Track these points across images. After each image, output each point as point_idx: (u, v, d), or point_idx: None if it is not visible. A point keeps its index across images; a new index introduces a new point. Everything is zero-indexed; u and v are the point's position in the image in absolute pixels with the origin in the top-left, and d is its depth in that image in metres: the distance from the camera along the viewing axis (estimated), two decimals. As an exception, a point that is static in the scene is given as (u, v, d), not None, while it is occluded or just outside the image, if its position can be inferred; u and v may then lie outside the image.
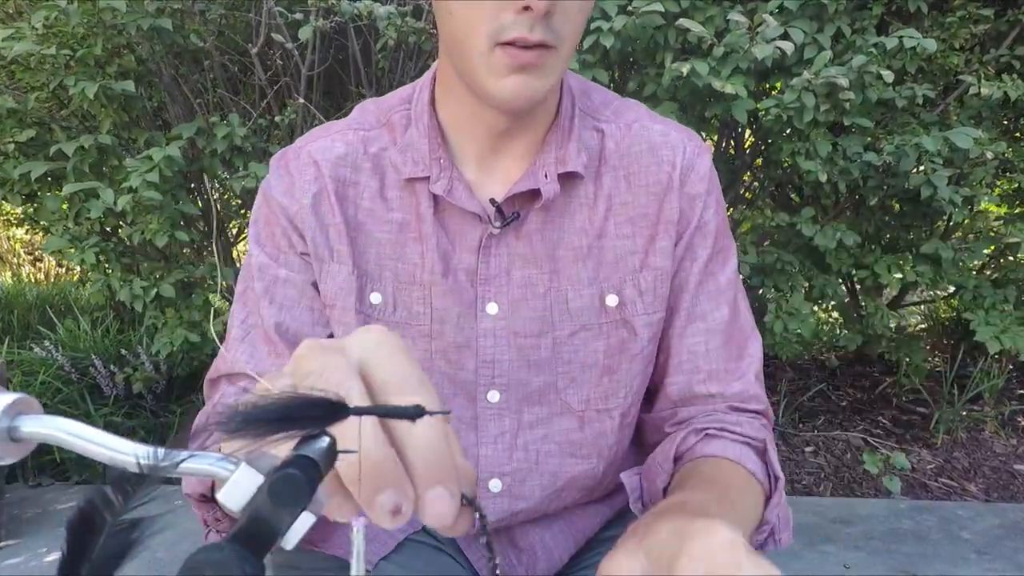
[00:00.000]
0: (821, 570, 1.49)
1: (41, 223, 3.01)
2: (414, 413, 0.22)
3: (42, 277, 6.02)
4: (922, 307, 3.73)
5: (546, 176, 0.65)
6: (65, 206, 2.08)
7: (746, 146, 2.46)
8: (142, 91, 1.99)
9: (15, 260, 6.42)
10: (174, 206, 1.97)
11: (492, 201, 0.65)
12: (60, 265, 6.20)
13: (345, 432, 0.24)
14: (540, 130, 0.67)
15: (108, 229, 2.37)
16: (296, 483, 0.19)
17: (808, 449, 2.44)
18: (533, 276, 0.68)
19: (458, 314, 0.67)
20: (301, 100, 2.02)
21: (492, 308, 0.68)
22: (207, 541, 0.59)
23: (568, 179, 0.67)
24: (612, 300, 0.68)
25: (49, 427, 0.21)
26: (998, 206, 2.50)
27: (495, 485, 0.70)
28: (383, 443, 0.25)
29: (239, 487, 0.20)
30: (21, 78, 1.84)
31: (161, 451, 0.20)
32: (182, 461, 0.20)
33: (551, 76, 0.59)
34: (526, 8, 0.53)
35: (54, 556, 1.57)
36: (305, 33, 1.85)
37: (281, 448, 0.22)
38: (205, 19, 1.91)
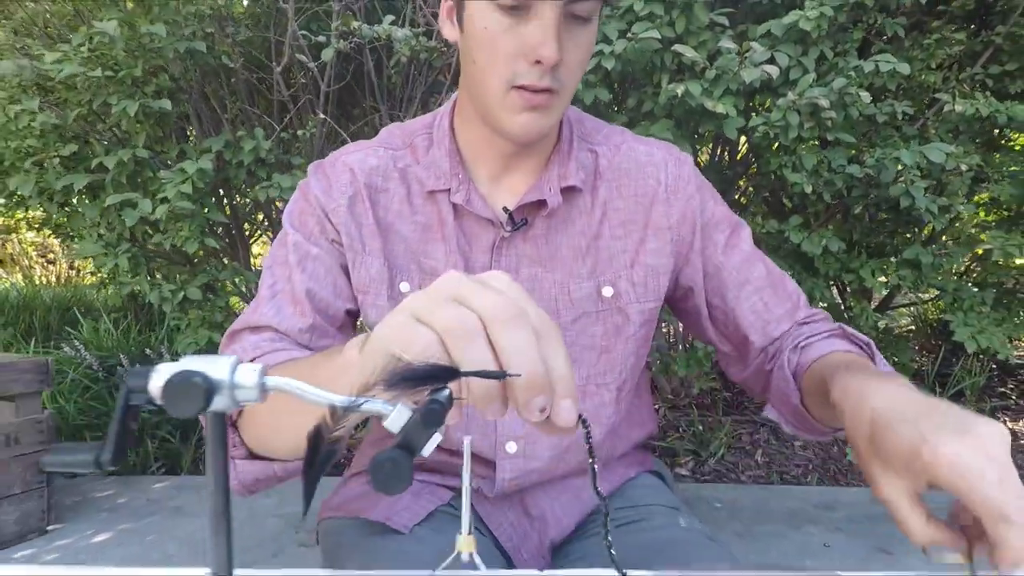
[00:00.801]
0: (804, 549, 1.62)
1: (63, 229, 3.16)
2: (500, 375, 0.36)
3: (53, 279, 6.16)
4: (912, 309, 3.87)
5: (550, 189, 0.79)
6: (99, 214, 2.21)
7: (739, 155, 2.60)
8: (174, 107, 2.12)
9: (27, 263, 6.56)
10: (204, 214, 2.11)
11: (505, 209, 0.79)
12: (72, 267, 6.34)
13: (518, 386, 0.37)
14: (543, 153, 0.81)
15: (137, 236, 2.50)
16: (438, 412, 0.33)
17: (798, 443, 2.58)
18: (539, 273, 0.81)
19: None
20: (322, 115, 2.16)
21: None
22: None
23: (568, 192, 0.81)
24: (608, 291, 0.82)
25: (281, 384, 0.34)
26: (975, 213, 2.64)
27: (511, 447, 0.82)
28: (542, 366, 0.38)
29: (396, 419, 0.34)
30: (64, 96, 1.97)
31: (351, 398, 0.34)
32: (361, 404, 0.34)
33: (555, 114, 0.73)
34: (537, 61, 0.67)
35: (101, 537, 1.71)
36: (327, 55, 1.99)
37: (413, 397, 0.36)
38: (234, 40, 2.05)
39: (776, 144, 2.00)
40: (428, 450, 0.34)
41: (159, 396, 0.32)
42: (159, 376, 0.33)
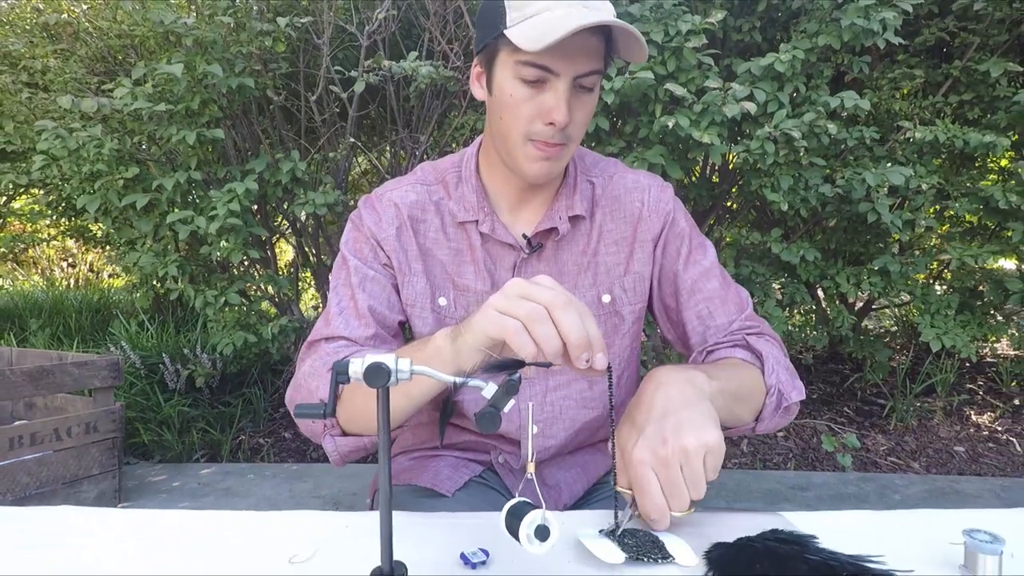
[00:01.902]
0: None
1: (114, 239, 3.40)
2: (547, 365, 0.61)
3: (72, 283, 6.41)
4: (896, 311, 4.13)
5: (560, 218, 0.98)
6: (152, 228, 2.46)
7: (731, 165, 2.84)
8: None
9: (48, 264, 6.81)
10: (246, 228, 2.36)
11: (524, 235, 0.96)
12: (92, 271, 6.60)
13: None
14: (553, 187, 1.01)
15: (180, 247, 2.75)
16: (515, 385, 0.57)
17: (780, 434, 2.83)
18: None
19: None
20: (352, 140, 2.41)
21: None
22: (324, 441, 0.85)
23: (573, 219, 0.97)
24: (606, 298, 0.99)
25: (425, 370, 0.59)
26: (942, 226, 2.88)
27: (533, 429, 1.01)
28: (586, 333, 0.57)
29: (489, 390, 0.58)
30: (126, 124, 2.22)
31: (463, 378, 0.59)
32: (466, 382, 0.59)
33: (564, 161, 0.94)
34: (551, 123, 0.87)
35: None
36: (359, 87, 2.24)
37: (498, 377, 0.60)
38: (275, 75, 2.30)
39: (757, 167, 2.25)
40: (507, 408, 0.59)
41: (359, 375, 0.57)
42: (355, 365, 0.58)
